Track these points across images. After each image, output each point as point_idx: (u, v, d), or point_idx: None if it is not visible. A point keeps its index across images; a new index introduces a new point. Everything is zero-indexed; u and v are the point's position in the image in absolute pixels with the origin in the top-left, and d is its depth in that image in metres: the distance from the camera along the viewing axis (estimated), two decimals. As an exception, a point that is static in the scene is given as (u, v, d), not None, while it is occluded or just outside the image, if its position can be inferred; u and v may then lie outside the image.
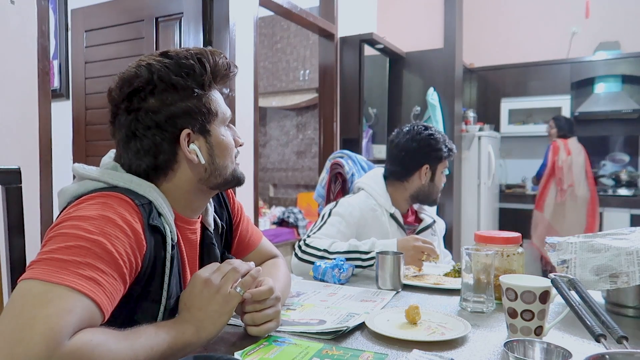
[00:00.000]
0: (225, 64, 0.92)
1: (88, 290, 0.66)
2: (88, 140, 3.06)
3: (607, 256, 1.05)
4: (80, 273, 0.67)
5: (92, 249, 0.70)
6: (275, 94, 5.02)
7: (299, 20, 3.36)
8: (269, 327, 0.88)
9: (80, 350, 0.62)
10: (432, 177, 1.79)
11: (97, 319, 0.68)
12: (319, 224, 1.68)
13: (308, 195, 4.40)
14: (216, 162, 0.92)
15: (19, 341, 0.59)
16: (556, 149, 4.28)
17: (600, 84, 4.55)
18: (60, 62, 3.76)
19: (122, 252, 0.73)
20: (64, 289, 0.65)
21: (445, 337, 0.89)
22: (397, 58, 4.22)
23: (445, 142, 1.79)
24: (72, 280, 0.66)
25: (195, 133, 0.89)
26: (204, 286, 0.82)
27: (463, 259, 1.11)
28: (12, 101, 1.78)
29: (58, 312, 0.62)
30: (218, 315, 0.81)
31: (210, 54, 0.90)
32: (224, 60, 0.92)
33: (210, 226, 1.02)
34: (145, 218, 0.80)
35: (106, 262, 0.70)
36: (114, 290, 0.71)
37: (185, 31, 2.63)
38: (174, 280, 0.87)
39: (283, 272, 1.14)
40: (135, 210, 0.79)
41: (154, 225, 0.82)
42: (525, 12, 4.88)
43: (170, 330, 0.75)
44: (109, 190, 0.82)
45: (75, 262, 0.68)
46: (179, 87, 0.86)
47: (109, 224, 0.73)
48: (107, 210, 0.75)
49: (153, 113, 0.86)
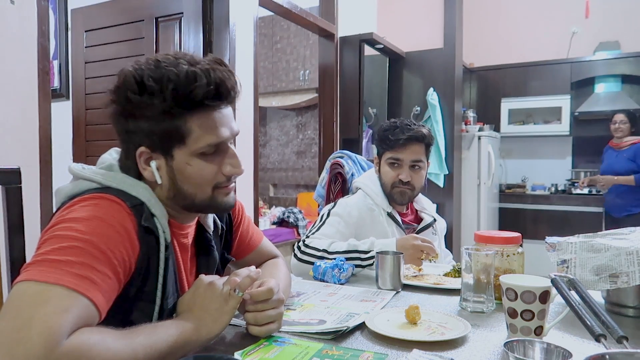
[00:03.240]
0: (216, 84, 0.81)
1: (84, 289, 0.67)
2: (88, 140, 3.06)
3: (607, 256, 1.05)
4: (75, 272, 0.67)
5: (85, 249, 0.70)
6: (275, 94, 5.01)
7: (299, 20, 3.36)
8: (270, 328, 0.88)
9: (79, 349, 0.62)
10: (380, 167, 1.77)
11: (94, 318, 0.68)
12: (317, 224, 1.68)
13: (308, 195, 4.39)
14: (179, 187, 0.87)
15: (17, 341, 0.59)
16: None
17: (600, 84, 4.56)
18: (60, 62, 3.76)
19: (115, 252, 0.73)
20: (60, 288, 0.65)
21: (445, 337, 0.89)
22: (397, 58, 4.22)
23: (393, 131, 1.69)
24: (68, 280, 0.66)
25: (156, 152, 0.85)
26: (207, 288, 0.83)
27: (463, 259, 1.11)
28: (12, 101, 1.78)
29: (55, 311, 0.63)
30: (219, 314, 0.81)
31: (202, 71, 0.80)
32: (217, 78, 0.81)
33: (209, 228, 1.01)
34: (137, 219, 0.80)
35: (100, 261, 0.71)
36: (110, 289, 0.72)
37: (185, 31, 2.63)
38: (170, 280, 0.86)
39: (283, 272, 1.14)
40: (127, 212, 0.79)
41: (147, 226, 0.81)
42: (525, 12, 4.89)
43: (170, 328, 0.75)
44: (102, 190, 0.81)
45: (69, 262, 0.68)
46: (135, 102, 0.80)
47: (101, 225, 0.74)
48: (99, 212, 0.75)
49: (122, 118, 0.84)
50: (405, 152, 1.69)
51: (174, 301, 0.86)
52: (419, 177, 1.72)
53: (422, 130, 1.70)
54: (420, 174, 1.72)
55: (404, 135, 1.67)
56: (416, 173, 1.71)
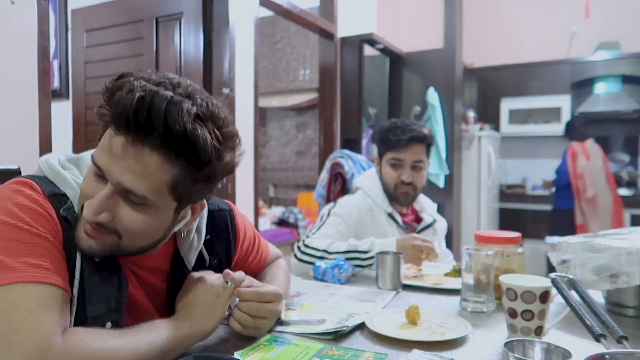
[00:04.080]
0: (126, 109, 0.65)
1: (40, 277, 0.65)
2: (88, 140, 3.05)
3: (608, 256, 1.04)
4: (28, 263, 0.65)
5: (21, 240, 0.67)
6: (275, 94, 5.02)
7: (299, 20, 3.36)
8: (250, 332, 0.87)
9: (76, 348, 0.62)
10: (381, 168, 1.78)
11: (65, 299, 0.68)
12: (317, 224, 1.68)
13: (308, 195, 4.39)
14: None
15: (8, 348, 0.59)
16: (574, 154, 3.93)
17: (600, 84, 4.55)
18: (60, 62, 3.76)
19: (43, 230, 0.69)
20: (18, 286, 0.64)
21: (445, 337, 0.89)
22: (397, 58, 4.22)
23: (394, 131, 1.69)
24: (21, 276, 0.64)
25: None
26: (197, 283, 0.83)
27: (463, 259, 1.11)
28: (12, 101, 1.78)
29: (30, 310, 0.62)
30: (212, 308, 0.81)
31: (136, 97, 0.65)
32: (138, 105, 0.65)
33: (189, 263, 0.88)
34: (57, 208, 0.73)
35: (38, 244, 0.68)
36: (61, 265, 0.70)
37: (185, 31, 2.63)
38: (99, 285, 0.74)
39: (283, 269, 1.15)
40: (44, 197, 0.72)
41: (65, 217, 0.73)
42: (525, 12, 4.88)
43: (167, 326, 0.75)
44: (29, 177, 0.76)
45: (13, 255, 0.65)
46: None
47: (24, 210, 0.69)
48: (19, 197, 0.70)
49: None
50: (406, 153, 1.69)
51: (106, 309, 0.75)
52: (420, 177, 1.72)
53: (423, 130, 1.71)
54: (421, 173, 1.73)
55: (406, 135, 1.68)
56: (418, 173, 1.71)
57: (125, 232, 0.72)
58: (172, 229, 0.79)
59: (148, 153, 0.68)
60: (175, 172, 0.70)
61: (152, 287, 0.87)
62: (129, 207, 0.71)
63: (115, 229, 0.72)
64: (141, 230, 0.73)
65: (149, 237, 0.76)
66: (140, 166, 0.68)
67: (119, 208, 0.71)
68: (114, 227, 0.72)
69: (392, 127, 1.72)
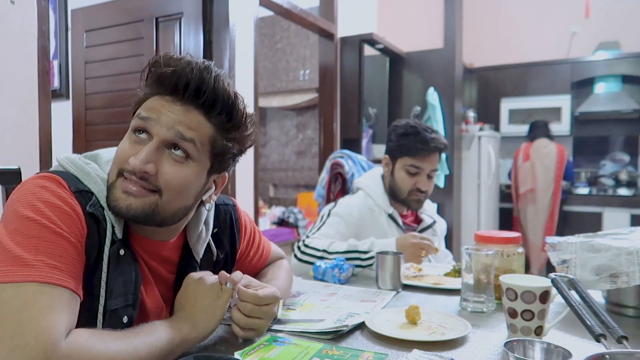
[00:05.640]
0: (178, 75, 0.77)
1: (55, 279, 0.66)
2: (88, 140, 3.05)
3: (608, 256, 1.05)
4: (45, 262, 0.66)
5: (40, 236, 0.67)
6: (275, 94, 5.01)
7: (299, 20, 3.36)
8: (247, 334, 0.87)
9: (79, 351, 0.62)
10: (393, 170, 1.74)
11: (76, 303, 0.68)
12: (318, 224, 1.68)
13: (308, 195, 4.39)
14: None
15: (13, 349, 0.59)
16: (517, 154, 4.39)
17: (600, 84, 4.55)
18: (60, 62, 3.76)
19: (66, 229, 0.70)
20: (33, 285, 0.64)
21: (445, 337, 0.89)
22: (397, 58, 4.22)
23: (415, 137, 1.66)
24: (37, 275, 0.65)
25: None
26: (197, 284, 0.83)
27: (463, 259, 1.11)
28: (12, 101, 1.78)
29: (41, 311, 0.62)
30: (212, 309, 0.81)
31: (180, 62, 0.78)
32: (185, 73, 0.77)
33: (197, 255, 0.92)
34: (83, 204, 0.75)
35: (57, 244, 0.68)
36: (77, 268, 0.70)
37: (185, 31, 2.63)
38: (120, 279, 0.78)
39: (285, 269, 1.15)
40: (69, 194, 0.74)
41: (92, 212, 0.75)
42: (525, 12, 4.88)
43: (167, 328, 0.75)
44: (55, 173, 0.77)
45: (31, 252, 0.66)
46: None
47: (50, 206, 0.70)
48: (45, 193, 0.71)
49: None
50: (426, 162, 1.68)
51: (124, 304, 0.78)
52: (432, 184, 1.74)
53: (443, 140, 1.70)
54: (433, 181, 1.75)
55: (429, 145, 1.65)
56: (431, 181, 1.73)
57: (166, 189, 0.77)
58: (200, 197, 0.85)
59: (195, 112, 0.79)
60: (215, 128, 0.80)
61: (162, 278, 0.90)
62: (172, 161, 0.77)
63: (157, 185, 0.77)
64: (180, 187, 0.78)
65: (184, 198, 0.81)
66: (188, 119, 0.78)
67: (163, 162, 0.77)
68: (156, 183, 0.76)
69: (412, 132, 1.66)
